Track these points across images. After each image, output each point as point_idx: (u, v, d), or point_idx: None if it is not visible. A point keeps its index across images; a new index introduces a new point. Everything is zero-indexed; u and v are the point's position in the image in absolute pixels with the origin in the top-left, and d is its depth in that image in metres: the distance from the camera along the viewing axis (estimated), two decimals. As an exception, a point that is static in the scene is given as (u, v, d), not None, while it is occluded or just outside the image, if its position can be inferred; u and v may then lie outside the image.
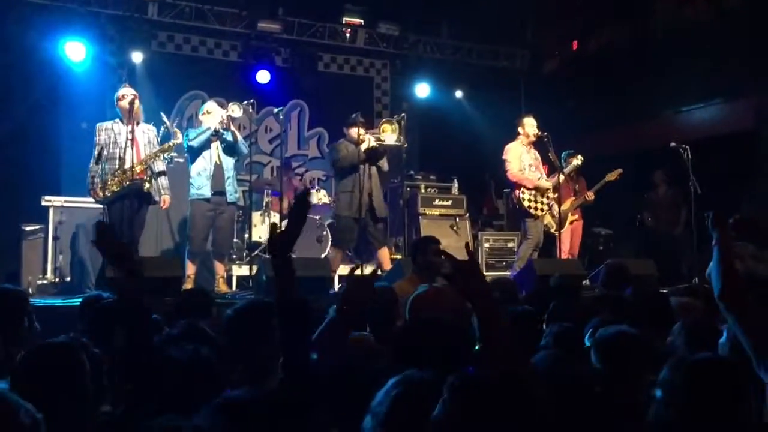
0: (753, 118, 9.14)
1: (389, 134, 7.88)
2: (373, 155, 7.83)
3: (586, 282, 7.59)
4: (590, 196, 9.31)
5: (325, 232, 9.46)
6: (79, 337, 2.61)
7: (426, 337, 2.36)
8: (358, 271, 6.60)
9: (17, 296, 3.65)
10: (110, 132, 7.08)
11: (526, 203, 8.20)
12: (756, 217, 2.68)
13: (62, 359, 2.36)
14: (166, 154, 7.28)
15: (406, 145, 8.37)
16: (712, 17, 9.98)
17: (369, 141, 7.77)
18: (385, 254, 7.96)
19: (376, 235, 7.94)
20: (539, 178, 8.22)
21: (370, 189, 7.77)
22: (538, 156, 8.43)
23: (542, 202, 8.19)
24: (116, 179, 6.87)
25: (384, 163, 8.01)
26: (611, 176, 9.06)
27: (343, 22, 11.47)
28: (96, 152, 7.01)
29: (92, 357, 2.43)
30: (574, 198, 9.25)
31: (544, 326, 3.59)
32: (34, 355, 2.41)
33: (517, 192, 8.26)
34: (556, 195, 8.25)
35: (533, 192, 8.18)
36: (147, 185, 7.01)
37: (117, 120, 7.17)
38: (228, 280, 8.12)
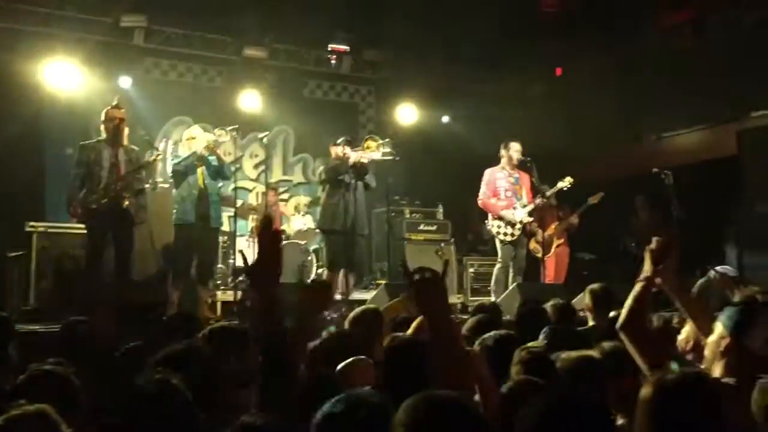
0: (735, 144, 9.24)
1: (374, 151, 7.96)
2: (359, 169, 7.90)
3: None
4: (574, 220, 9.41)
5: (310, 258, 9.46)
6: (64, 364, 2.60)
7: (405, 359, 2.35)
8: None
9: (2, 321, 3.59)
10: (92, 151, 7.04)
11: (494, 229, 8.33)
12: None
13: (60, 386, 2.36)
14: (145, 172, 7.29)
15: (397, 158, 8.35)
16: (695, 45, 10.12)
17: (356, 155, 7.86)
18: (346, 280, 7.94)
19: (356, 255, 7.97)
20: (515, 207, 8.28)
21: (355, 204, 7.84)
22: (524, 180, 8.48)
23: (508, 232, 8.26)
24: (95, 196, 6.84)
25: (371, 180, 8.08)
26: (593, 199, 9.19)
27: (329, 48, 11.54)
28: (78, 171, 6.98)
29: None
30: (558, 223, 9.34)
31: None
32: (32, 382, 2.40)
33: (488, 218, 8.45)
34: (531, 220, 8.34)
35: (500, 219, 8.27)
36: (126, 202, 6.97)
37: (100, 140, 7.14)
38: (212, 306, 8.08)
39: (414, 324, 3.34)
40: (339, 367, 2.77)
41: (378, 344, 3.89)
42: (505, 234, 8.27)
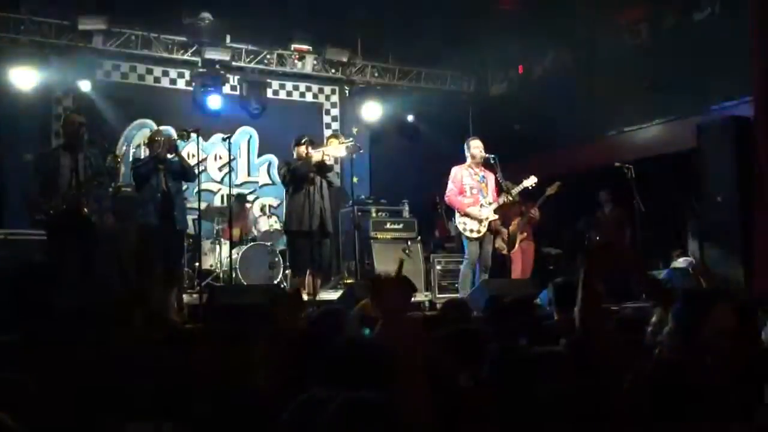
0: (694, 137, 9.36)
1: (336, 147, 7.97)
2: (322, 167, 7.90)
3: (538, 301, 7.66)
4: (535, 212, 9.49)
5: (277, 258, 9.43)
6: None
7: (353, 358, 2.34)
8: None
9: None
10: (50, 159, 6.93)
11: (460, 226, 8.39)
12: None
13: (15, 395, 2.33)
14: (108, 176, 7.20)
15: (361, 150, 8.36)
16: (652, 40, 10.26)
17: (319, 154, 7.85)
18: (313, 280, 7.94)
19: (322, 255, 7.98)
20: (481, 204, 8.34)
21: (321, 203, 7.83)
22: (488, 178, 8.55)
23: (474, 229, 8.32)
24: (54, 203, 6.73)
25: (333, 178, 8.09)
26: (551, 189, 9.26)
27: (291, 48, 11.51)
28: (36, 180, 6.87)
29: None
30: (520, 218, 9.42)
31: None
32: None
33: (455, 215, 8.51)
34: (497, 217, 8.41)
35: (466, 216, 8.33)
36: (85, 209, 6.87)
37: (59, 146, 7.04)
38: (179, 309, 8.00)
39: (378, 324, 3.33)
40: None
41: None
42: (471, 230, 8.32)
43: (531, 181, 8.67)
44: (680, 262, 8.51)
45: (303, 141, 8.01)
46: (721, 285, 4.81)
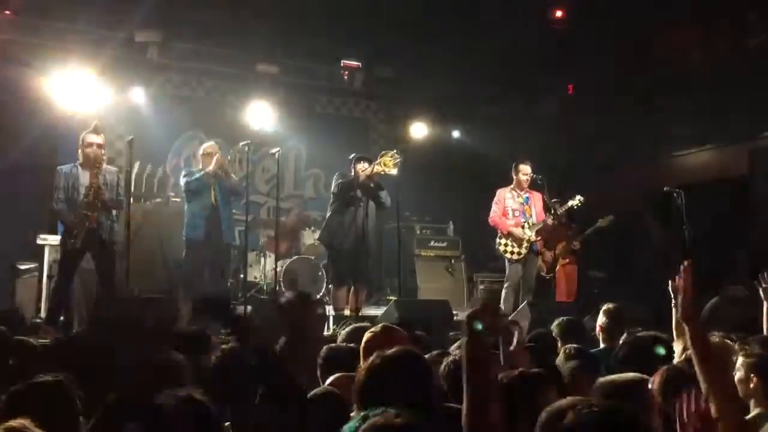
0: (747, 163, 9.21)
1: (390, 167, 7.93)
2: (367, 188, 7.90)
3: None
4: (577, 245, 9.39)
5: (320, 273, 9.46)
6: (70, 376, 2.61)
7: (387, 377, 2.34)
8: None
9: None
10: (69, 177, 6.94)
11: (501, 248, 8.38)
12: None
13: (53, 397, 2.36)
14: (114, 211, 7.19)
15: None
16: (705, 63, 10.11)
17: (366, 172, 7.85)
18: (355, 295, 7.93)
19: (361, 272, 7.99)
20: (523, 225, 8.29)
21: (363, 223, 7.82)
22: (534, 199, 8.51)
23: (515, 251, 8.26)
24: (75, 230, 6.74)
25: (386, 198, 8.06)
26: (603, 222, 9.16)
27: (341, 64, 11.58)
28: (58, 195, 6.93)
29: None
30: (564, 243, 9.32)
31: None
32: (24, 393, 2.41)
33: (497, 236, 8.49)
34: (539, 239, 8.35)
35: (508, 237, 8.27)
36: (102, 232, 6.90)
37: (76, 164, 7.04)
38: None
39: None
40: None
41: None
42: (512, 252, 8.29)
43: (576, 201, 8.61)
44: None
45: (358, 159, 8.06)
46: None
